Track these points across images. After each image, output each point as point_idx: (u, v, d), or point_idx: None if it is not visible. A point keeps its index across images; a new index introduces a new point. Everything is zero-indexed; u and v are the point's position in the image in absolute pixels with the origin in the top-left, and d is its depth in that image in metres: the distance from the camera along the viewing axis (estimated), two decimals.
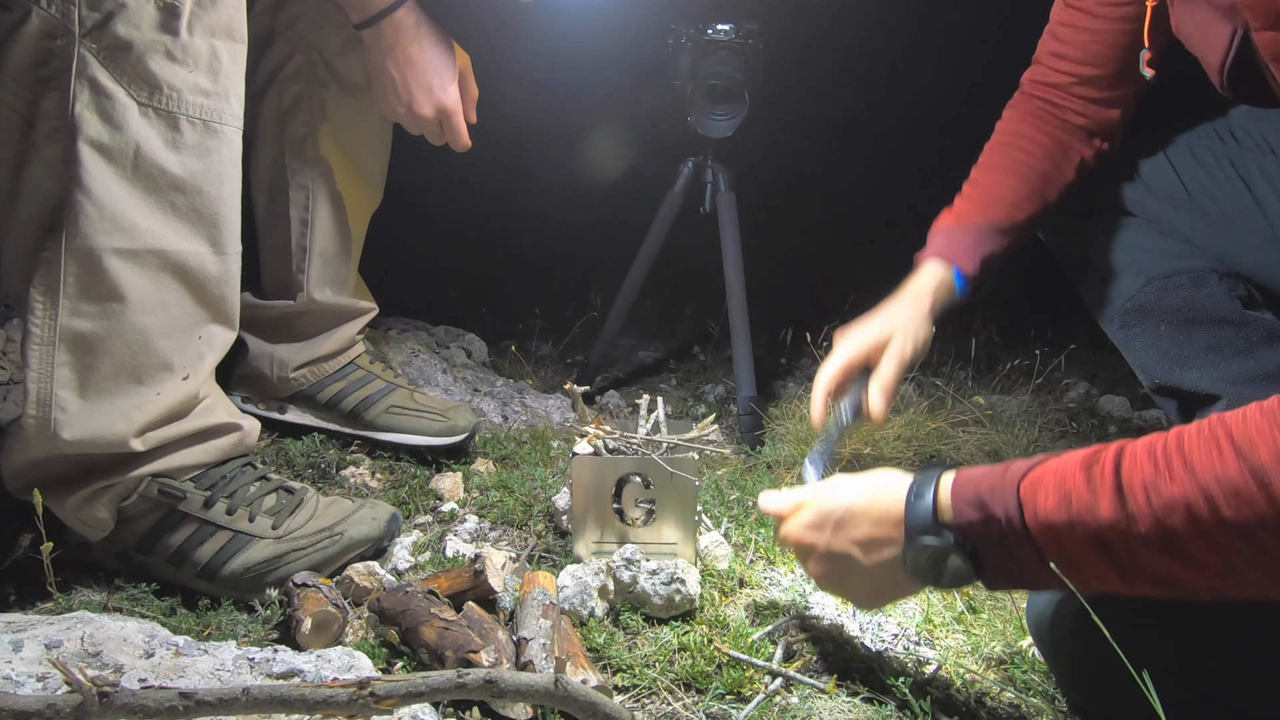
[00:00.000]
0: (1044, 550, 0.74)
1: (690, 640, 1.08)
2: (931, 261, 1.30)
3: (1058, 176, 1.30)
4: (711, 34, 1.89)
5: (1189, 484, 0.66)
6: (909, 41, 2.84)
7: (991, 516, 0.76)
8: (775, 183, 2.91)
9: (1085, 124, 1.29)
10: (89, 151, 0.99)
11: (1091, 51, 1.25)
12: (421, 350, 2.06)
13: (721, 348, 2.37)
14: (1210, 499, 0.65)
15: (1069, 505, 0.72)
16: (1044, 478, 0.75)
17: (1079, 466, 0.73)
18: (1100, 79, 1.26)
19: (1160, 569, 0.69)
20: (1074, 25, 1.26)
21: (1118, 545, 0.70)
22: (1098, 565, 0.72)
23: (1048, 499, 0.74)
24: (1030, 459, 0.78)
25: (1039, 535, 0.74)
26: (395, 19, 1.35)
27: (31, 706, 0.70)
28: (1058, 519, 0.72)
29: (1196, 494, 0.65)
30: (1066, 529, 0.72)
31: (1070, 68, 1.28)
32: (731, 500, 1.51)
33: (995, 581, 0.80)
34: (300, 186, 1.50)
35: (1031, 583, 0.79)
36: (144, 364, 1.08)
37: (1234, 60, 0.89)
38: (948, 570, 0.80)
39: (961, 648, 1.10)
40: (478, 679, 0.74)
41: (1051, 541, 0.73)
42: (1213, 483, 0.65)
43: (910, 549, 0.82)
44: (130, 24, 0.98)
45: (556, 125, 2.81)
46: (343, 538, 1.23)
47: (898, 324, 1.25)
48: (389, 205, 1.67)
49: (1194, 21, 0.96)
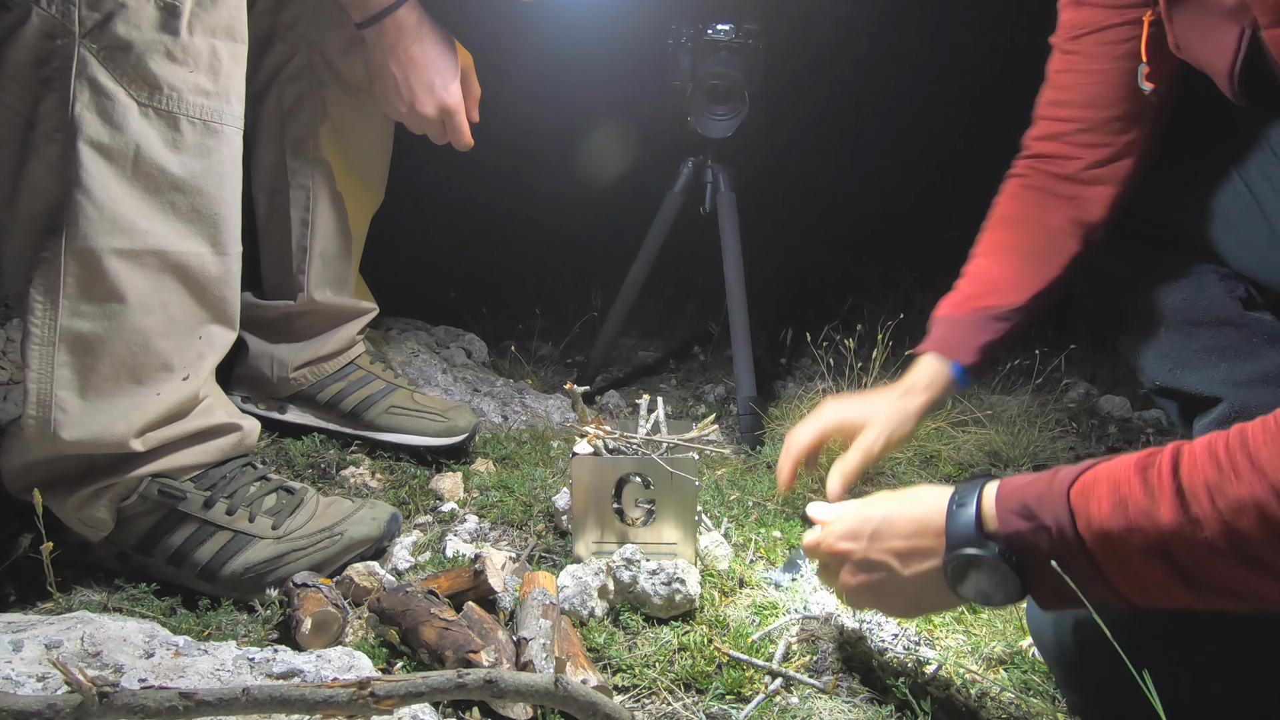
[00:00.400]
0: (1100, 561, 0.69)
1: (690, 640, 1.08)
2: (928, 357, 1.26)
3: (1059, 249, 1.23)
4: (711, 34, 1.89)
5: (1257, 483, 0.62)
6: (909, 41, 2.84)
7: (1041, 526, 0.72)
8: (775, 183, 2.92)
9: (1089, 177, 1.20)
10: (89, 152, 0.99)
11: (1091, 93, 1.18)
12: (421, 350, 2.06)
13: (721, 348, 2.37)
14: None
15: (1125, 511, 0.68)
16: (1095, 483, 0.71)
17: (1133, 470, 0.69)
18: (1104, 123, 1.18)
19: (1232, 578, 0.65)
20: (1072, 70, 1.20)
21: (1182, 553, 0.65)
22: (1161, 576, 0.67)
23: (1101, 505, 0.69)
24: (1078, 465, 0.74)
25: (1094, 544, 0.69)
26: (397, 18, 1.35)
27: (31, 706, 0.70)
28: (1114, 526, 0.68)
29: (1268, 493, 0.61)
30: (1123, 536, 0.68)
31: (1071, 113, 1.21)
32: (731, 500, 1.51)
33: (1047, 598, 0.75)
34: (301, 187, 1.50)
35: (1088, 598, 0.73)
36: (144, 364, 1.08)
37: (1244, 62, 0.87)
38: (993, 584, 0.76)
39: (961, 648, 1.10)
40: (478, 679, 0.74)
41: (1108, 550, 0.69)
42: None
43: (952, 560, 0.78)
44: (130, 24, 0.98)
45: (557, 125, 2.81)
46: (343, 538, 1.23)
47: (878, 415, 1.23)
48: (390, 205, 1.67)
49: (1196, 31, 0.94)
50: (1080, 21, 1.17)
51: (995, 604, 0.78)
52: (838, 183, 3.18)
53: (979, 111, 2.51)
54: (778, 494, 1.46)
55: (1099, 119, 1.18)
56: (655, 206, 2.04)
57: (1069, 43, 1.19)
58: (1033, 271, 1.23)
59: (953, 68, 2.91)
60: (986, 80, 2.83)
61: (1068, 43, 1.19)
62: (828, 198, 3.18)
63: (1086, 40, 1.17)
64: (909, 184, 3.13)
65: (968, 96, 2.94)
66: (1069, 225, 1.22)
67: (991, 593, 0.77)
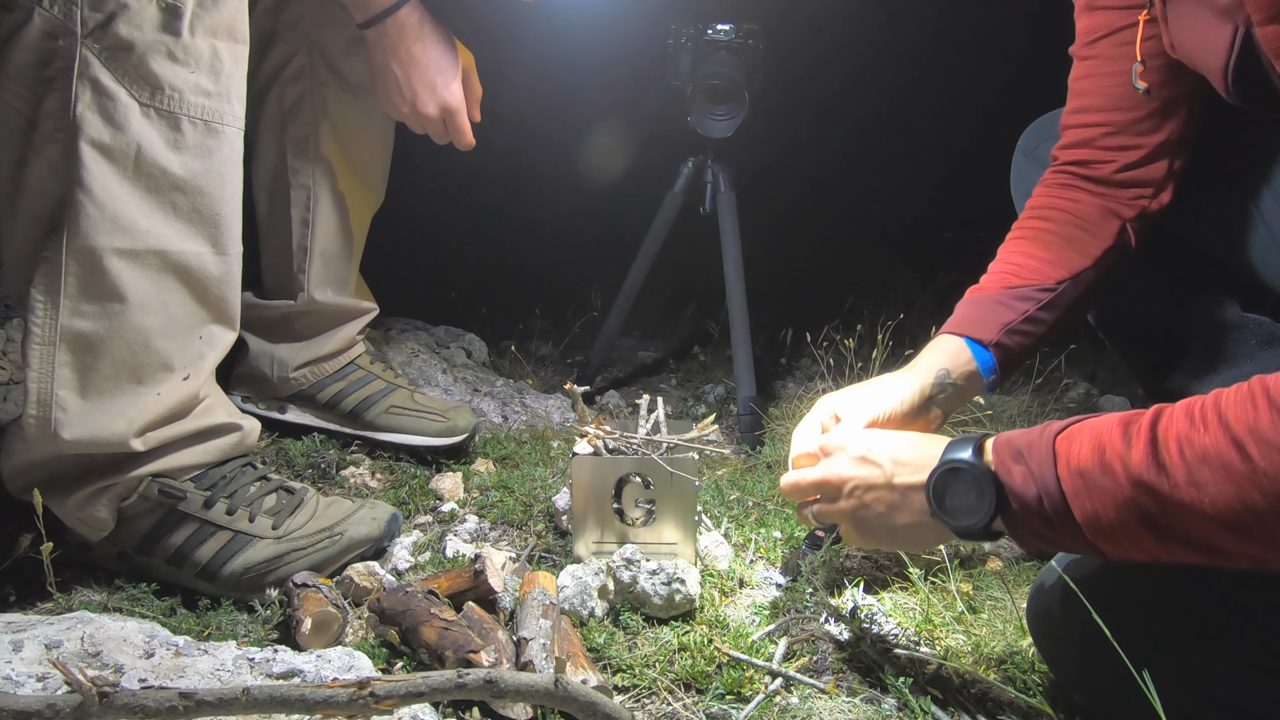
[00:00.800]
0: (1072, 502, 0.74)
1: (690, 640, 1.08)
2: (943, 337, 1.17)
3: (1091, 239, 1.17)
4: (711, 34, 1.89)
5: (1221, 434, 0.66)
6: (910, 41, 2.84)
7: (1027, 469, 0.77)
8: (775, 183, 2.92)
9: (1123, 179, 1.17)
10: (90, 152, 0.99)
11: (1114, 96, 1.15)
12: (421, 350, 2.06)
13: (721, 348, 2.37)
14: (1242, 447, 0.64)
15: (1102, 455, 0.72)
16: (1080, 433, 0.76)
17: (1116, 423, 0.74)
18: (1131, 124, 1.15)
19: (1193, 527, 0.68)
20: (1092, 75, 1.18)
21: (1148, 500, 0.69)
22: (1127, 521, 0.71)
23: (1081, 450, 0.74)
24: (1071, 419, 0.79)
25: (1069, 484, 0.74)
26: (398, 18, 1.35)
27: (31, 706, 0.70)
28: (1089, 467, 0.73)
29: (1228, 444, 0.65)
30: (1096, 478, 0.72)
31: (1097, 118, 1.18)
32: (731, 500, 1.51)
33: (1020, 533, 0.80)
34: (302, 187, 1.50)
35: (1055, 539, 0.78)
36: (144, 364, 1.08)
37: (1237, 61, 0.88)
38: (969, 501, 0.81)
39: (961, 648, 1.10)
40: (478, 679, 0.74)
41: (1081, 491, 0.73)
42: (1246, 433, 0.65)
43: (941, 468, 0.85)
44: (132, 25, 0.99)
45: (557, 126, 2.81)
46: (343, 538, 1.23)
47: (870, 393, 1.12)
48: (391, 205, 1.67)
49: (1190, 30, 0.94)
50: (1095, 26, 1.16)
51: (967, 528, 0.83)
52: (837, 183, 3.18)
53: (979, 112, 2.52)
54: (781, 494, 1.46)
55: (1125, 120, 1.16)
56: (655, 206, 2.04)
57: (1086, 48, 1.18)
58: (1059, 258, 1.18)
59: (953, 68, 2.91)
60: (987, 80, 2.83)
61: (1085, 48, 1.18)
62: (827, 198, 3.18)
63: (1103, 44, 1.16)
64: (909, 184, 3.13)
65: (968, 96, 2.94)
66: (1100, 216, 1.18)
67: (966, 513, 0.82)
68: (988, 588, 1.25)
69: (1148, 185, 1.16)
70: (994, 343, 1.13)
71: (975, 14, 2.66)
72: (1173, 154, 1.15)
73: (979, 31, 2.80)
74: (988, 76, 2.82)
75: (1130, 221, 1.17)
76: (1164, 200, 1.17)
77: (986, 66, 2.83)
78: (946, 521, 0.85)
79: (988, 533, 0.83)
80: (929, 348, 1.17)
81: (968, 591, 1.21)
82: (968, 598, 1.20)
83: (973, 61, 2.86)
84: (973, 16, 2.68)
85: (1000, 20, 2.66)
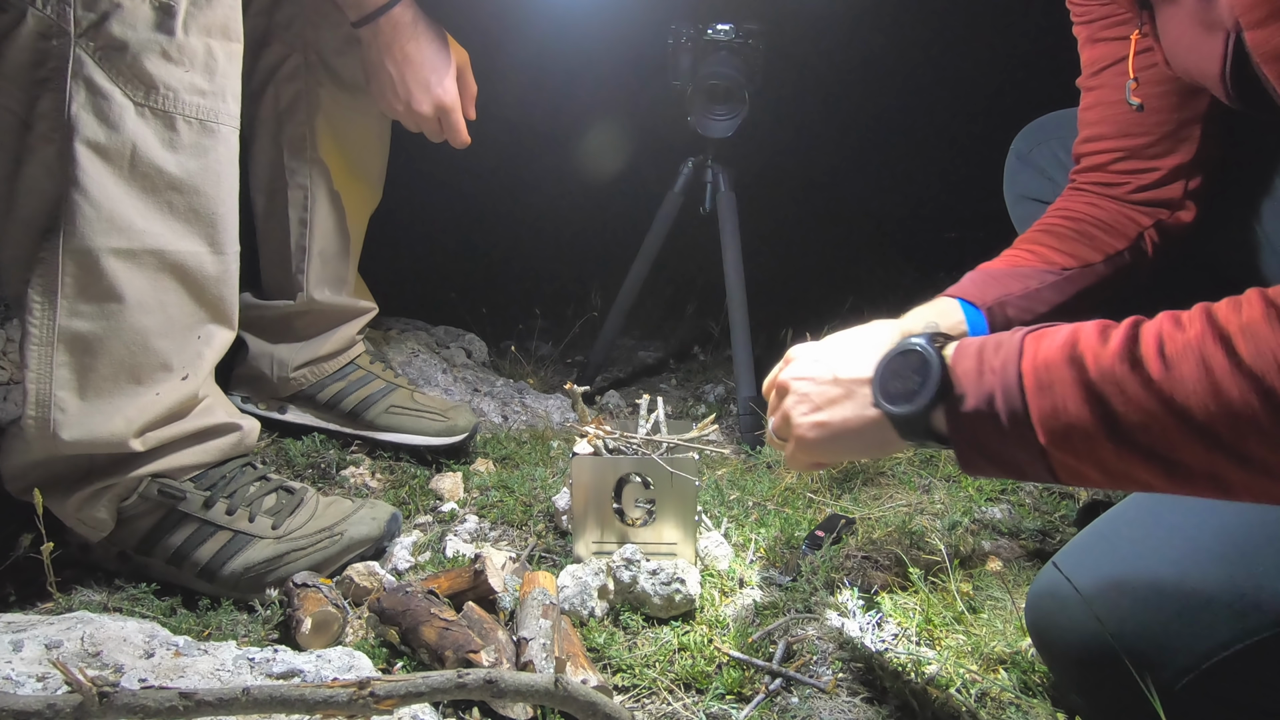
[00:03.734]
0: (1031, 395, 0.68)
1: (690, 640, 1.08)
2: (936, 299, 1.15)
3: (1105, 237, 1.15)
4: (711, 34, 1.89)
5: (1208, 330, 0.62)
6: (910, 41, 2.84)
7: (986, 363, 0.71)
8: (775, 183, 2.92)
9: (1140, 199, 1.16)
10: (86, 152, 0.99)
11: (1123, 123, 1.15)
12: (421, 350, 2.06)
13: (721, 348, 2.37)
14: (1229, 342, 0.60)
15: (1073, 347, 0.67)
16: (1055, 331, 0.70)
17: (1095, 323, 0.69)
18: (1143, 149, 1.14)
19: (1159, 433, 0.63)
20: (1099, 104, 1.17)
21: (1115, 395, 0.64)
22: (1088, 420, 0.65)
23: (1052, 343, 0.69)
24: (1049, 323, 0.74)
25: (1030, 378, 0.68)
26: (393, 16, 1.35)
27: (31, 706, 0.70)
28: (1056, 358, 0.67)
29: (1214, 340, 0.61)
30: (1061, 369, 0.67)
31: (1109, 144, 1.17)
32: (731, 500, 1.51)
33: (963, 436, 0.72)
34: (299, 186, 1.50)
35: (1001, 447, 0.71)
36: (143, 364, 1.08)
37: (1232, 66, 0.88)
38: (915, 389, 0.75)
39: (961, 648, 1.10)
40: (478, 679, 0.74)
41: (1043, 385, 0.67)
42: (1237, 330, 0.60)
43: (894, 351, 0.79)
44: (126, 24, 0.98)
45: (556, 125, 2.81)
46: (343, 538, 1.23)
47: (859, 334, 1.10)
48: (388, 205, 1.67)
49: (1183, 44, 0.94)
50: (1098, 58, 1.16)
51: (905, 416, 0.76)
52: (837, 182, 3.18)
53: (979, 112, 2.51)
54: (781, 494, 1.46)
55: (1136, 145, 1.15)
56: (655, 206, 2.04)
57: (1091, 79, 1.18)
58: (1071, 249, 1.16)
59: (953, 68, 2.91)
60: (987, 81, 2.83)
61: (1090, 79, 1.18)
62: (827, 197, 3.18)
63: (1107, 73, 1.15)
64: (909, 184, 3.13)
65: (968, 97, 2.94)
66: (1117, 219, 1.16)
67: (905, 397, 0.76)
68: (988, 588, 1.25)
69: (1164, 205, 1.16)
70: (988, 309, 1.11)
71: (976, 14, 2.66)
72: (1188, 175, 1.14)
73: (980, 31, 2.79)
74: (988, 76, 2.82)
75: (1148, 230, 1.16)
76: (1183, 218, 1.15)
77: (987, 66, 2.83)
78: (886, 410, 0.79)
79: (929, 429, 0.76)
80: (922, 305, 1.14)
81: (968, 591, 1.21)
82: (968, 598, 1.20)
83: (974, 61, 2.86)
84: (973, 16, 2.68)
85: (1001, 20, 2.66)
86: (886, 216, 3.20)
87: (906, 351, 0.78)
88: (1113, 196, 1.18)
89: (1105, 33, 1.14)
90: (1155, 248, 1.16)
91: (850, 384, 0.85)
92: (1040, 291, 1.13)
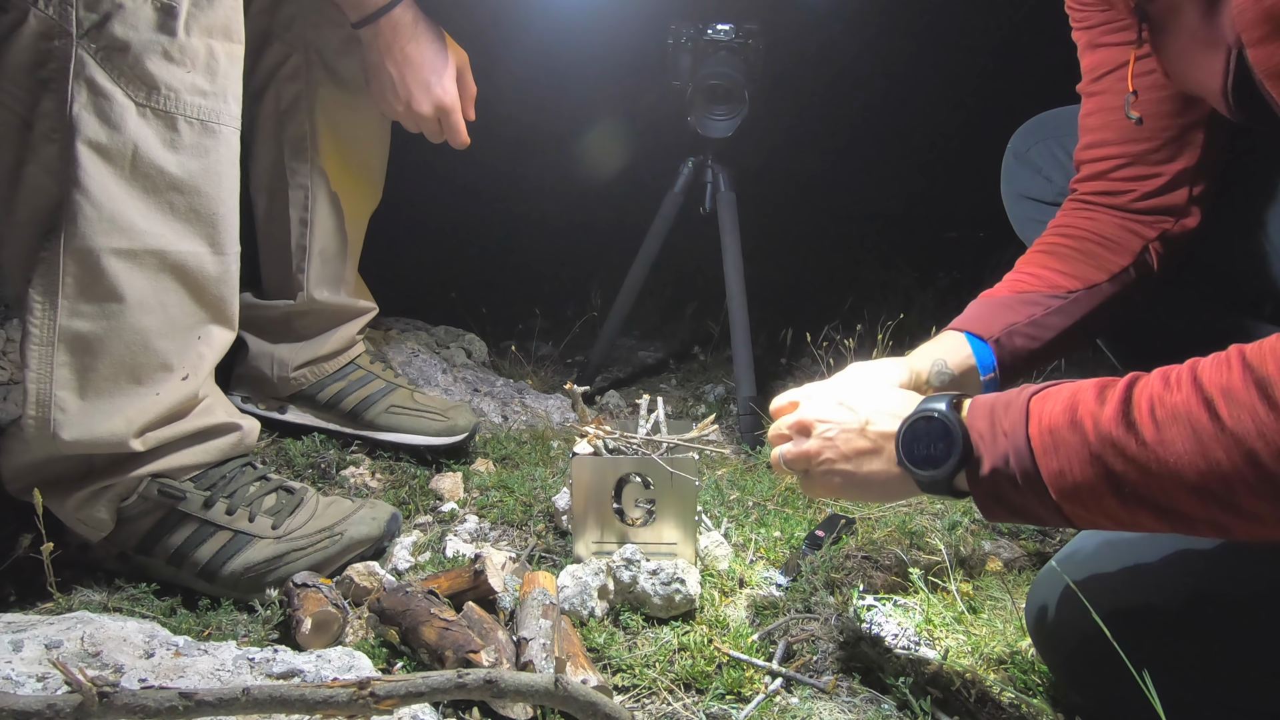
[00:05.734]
0: (1039, 457, 0.73)
1: (690, 640, 1.08)
2: (943, 333, 1.15)
3: (1109, 255, 1.15)
4: (711, 34, 1.89)
5: (1193, 394, 0.66)
6: (909, 41, 2.84)
7: (999, 426, 0.77)
8: (775, 183, 2.92)
9: (1144, 207, 1.15)
10: (87, 152, 0.99)
11: (1124, 129, 1.14)
12: (421, 350, 2.06)
13: (721, 348, 2.37)
14: (1212, 406, 0.64)
15: (1074, 412, 0.72)
16: (1057, 393, 0.75)
17: (1093, 385, 0.73)
18: (1145, 155, 1.14)
19: (1158, 490, 0.68)
20: (1101, 110, 1.17)
21: (1115, 459, 0.69)
22: (1093, 480, 0.70)
23: (1054, 408, 0.74)
24: (1049, 382, 0.79)
25: (1038, 441, 0.73)
26: (393, 17, 1.35)
27: (31, 706, 0.70)
28: (1059, 423, 0.72)
29: (1199, 403, 0.65)
30: (1065, 434, 0.72)
31: (1111, 151, 1.16)
32: (731, 500, 1.51)
33: (985, 492, 0.78)
34: (299, 186, 1.50)
35: (1020, 503, 0.76)
36: (143, 364, 1.08)
37: (1234, 82, 0.88)
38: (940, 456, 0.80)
39: (961, 648, 1.10)
40: (478, 679, 0.74)
41: (1049, 448, 0.73)
42: (1218, 393, 0.65)
43: (915, 416, 0.84)
44: (128, 25, 0.98)
45: (556, 125, 2.81)
46: (343, 538, 1.23)
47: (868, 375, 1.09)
48: (389, 205, 1.67)
49: (1183, 60, 0.94)
50: (1099, 63, 1.15)
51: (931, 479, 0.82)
52: (838, 183, 3.18)
53: (979, 112, 2.51)
54: (780, 494, 1.46)
55: (1139, 151, 1.14)
56: (655, 206, 2.04)
57: (1092, 84, 1.17)
58: (1074, 270, 1.16)
59: (952, 68, 2.91)
60: (986, 80, 2.83)
61: (1091, 85, 1.17)
62: (828, 197, 3.18)
63: (1108, 79, 1.15)
64: (909, 184, 3.13)
65: (968, 97, 2.94)
66: (1121, 234, 1.16)
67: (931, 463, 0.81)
68: (988, 588, 1.25)
69: (1169, 212, 1.15)
70: (995, 340, 1.11)
71: (976, 14, 2.66)
72: (1192, 180, 1.13)
73: (980, 31, 2.80)
74: (989, 76, 2.82)
75: (1152, 242, 1.15)
76: (1188, 225, 1.15)
77: (988, 66, 2.83)
78: (912, 472, 0.84)
79: (951, 488, 0.81)
80: (929, 341, 1.15)
81: (968, 592, 1.21)
82: (968, 598, 1.20)
83: (974, 61, 2.86)
84: (974, 17, 2.68)
85: (1001, 21, 2.66)
86: (886, 216, 3.21)
87: (929, 418, 0.83)
88: (1115, 208, 1.17)
89: (1106, 38, 1.13)
90: (1160, 260, 1.15)
91: (877, 438, 0.89)
92: (1047, 317, 1.13)
